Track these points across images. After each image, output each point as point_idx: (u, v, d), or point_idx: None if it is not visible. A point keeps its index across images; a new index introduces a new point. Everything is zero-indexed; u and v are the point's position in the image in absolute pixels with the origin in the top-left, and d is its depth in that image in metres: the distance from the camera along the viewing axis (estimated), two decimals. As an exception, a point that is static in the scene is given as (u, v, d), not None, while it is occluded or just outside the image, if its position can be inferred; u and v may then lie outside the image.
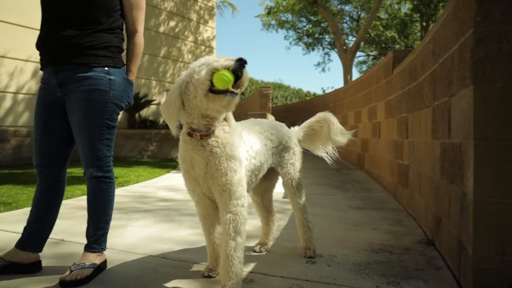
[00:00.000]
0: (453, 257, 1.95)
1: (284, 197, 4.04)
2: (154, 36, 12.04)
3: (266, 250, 2.26)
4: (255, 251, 2.23)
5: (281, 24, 21.04)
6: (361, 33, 14.27)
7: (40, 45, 1.86)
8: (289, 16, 20.58)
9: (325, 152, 2.35)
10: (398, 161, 3.95)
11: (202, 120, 1.61)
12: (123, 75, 1.94)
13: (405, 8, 19.96)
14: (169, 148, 10.15)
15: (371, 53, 24.12)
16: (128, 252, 2.20)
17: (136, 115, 10.97)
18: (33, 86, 8.21)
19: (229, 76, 1.50)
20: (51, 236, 2.10)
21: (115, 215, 3.13)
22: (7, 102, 8.11)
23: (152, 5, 11.94)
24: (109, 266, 1.94)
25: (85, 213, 1.97)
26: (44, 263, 1.95)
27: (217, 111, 1.59)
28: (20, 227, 1.99)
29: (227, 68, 1.51)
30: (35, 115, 1.94)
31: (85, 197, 2.01)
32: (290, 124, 2.39)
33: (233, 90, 1.53)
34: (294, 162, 2.15)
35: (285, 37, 22.96)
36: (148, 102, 11.18)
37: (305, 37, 22.83)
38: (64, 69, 1.82)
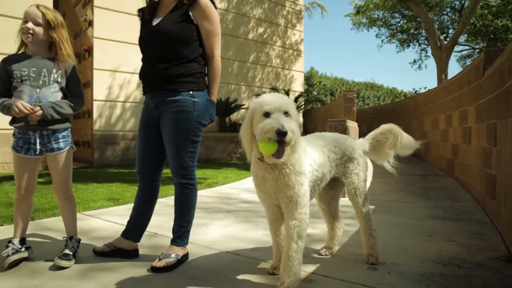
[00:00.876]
0: (528, 276, 1.87)
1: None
2: (243, 43, 12.65)
3: (331, 253, 2.39)
4: (320, 254, 2.38)
5: (372, 22, 20.30)
6: (459, 27, 13.07)
7: (142, 76, 2.29)
8: (381, 13, 19.75)
9: (388, 162, 2.40)
10: (487, 170, 3.71)
11: None
12: (206, 97, 2.26)
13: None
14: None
15: (476, 46, 21.86)
16: (208, 248, 2.52)
17: (227, 119, 11.65)
18: (138, 95, 9.32)
19: (270, 148, 1.65)
20: (147, 229, 2.52)
21: (200, 214, 3.54)
22: (117, 110, 9.33)
23: (242, 13, 12.57)
24: (190, 258, 2.28)
25: (175, 211, 2.34)
26: (141, 251, 2.37)
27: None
28: (124, 220, 2.43)
29: (269, 139, 1.64)
30: (139, 131, 2.36)
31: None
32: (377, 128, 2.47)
33: (272, 159, 1.69)
34: (358, 172, 2.25)
35: (376, 35, 21.97)
36: (238, 107, 11.79)
37: (399, 34, 21.67)
38: (159, 94, 2.20)
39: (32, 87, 2.14)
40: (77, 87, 2.29)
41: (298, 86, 14.51)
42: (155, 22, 2.21)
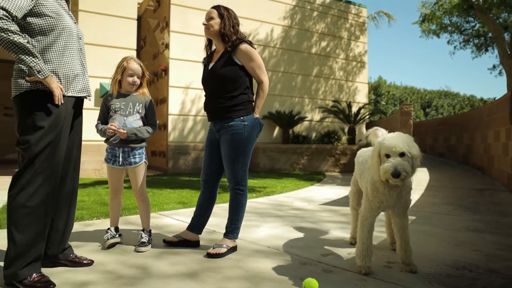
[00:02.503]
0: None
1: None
2: (306, 58, 13.14)
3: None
4: (351, 244, 2.96)
5: (444, 28, 19.54)
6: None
7: (205, 108, 2.95)
8: (453, 18, 18.93)
9: None
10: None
11: None
12: (253, 117, 2.84)
13: None
14: (319, 162, 10.96)
15: None
16: (254, 243, 3.06)
17: (290, 131, 12.16)
18: (208, 109, 10.26)
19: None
20: (208, 227, 3.14)
21: (253, 217, 4.11)
22: (189, 123, 10.34)
23: (305, 29, 13.08)
24: (238, 250, 2.84)
25: (232, 215, 2.94)
26: (201, 243, 2.99)
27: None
28: (190, 219, 3.06)
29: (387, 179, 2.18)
30: (205, 148, 3.02)
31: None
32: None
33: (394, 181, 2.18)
34: None
35: (448, 42, 21.03)
36: (301, 119, 12.23)
37: (475, 39, 20.52)
38: (218, 122, 2.84)
39: (121, 116, 2.90)
40: (153, 117, 3.01)
41: (362, 97, 14.58)
42: (210, 66, 2.85)
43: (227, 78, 2.76)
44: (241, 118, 2.78)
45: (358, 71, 14.63)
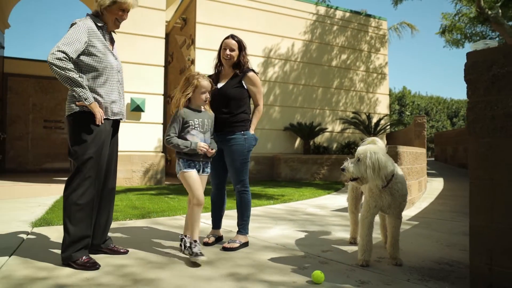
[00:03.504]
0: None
1: (410, 219, 4.64)
2: (326, 70, 13.53)
3: (356, 243, 3.30)
4: (351, 243, 3.38)
5: (468, 38, 19.48)
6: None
7: None
8: (477, 28, 18.87)
9: None
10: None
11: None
12: (250, 133, 3.33)
13: None
14: (339, 172, 11.22)
15: None
16: (264, 241, 3.50)
17: (311, 142, 12.53)
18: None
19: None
20: (225, 227, 3.60)
21: (267, 220, 4.55)
22: (214, 135, 10.89)
23: (325, 43, 13.50)
24: (250, 246, 3.29)
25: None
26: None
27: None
28: (207, 221, 3.54)
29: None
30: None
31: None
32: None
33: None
34: None
35: (473, 52, 20.88)
36: (322, 130, 12.58)
37: (502, 48, 20.30)
38: (222, 134, 3.32)
39: (200, 132, 2.99)
40: (213, 132, 3.22)
41: (382, 108, 14.78)
42: (219, 85, 3.36)
43: (235, 97, 3.28)
44: (242, 132, 3.30)
45: (379, 82, 14.87)
